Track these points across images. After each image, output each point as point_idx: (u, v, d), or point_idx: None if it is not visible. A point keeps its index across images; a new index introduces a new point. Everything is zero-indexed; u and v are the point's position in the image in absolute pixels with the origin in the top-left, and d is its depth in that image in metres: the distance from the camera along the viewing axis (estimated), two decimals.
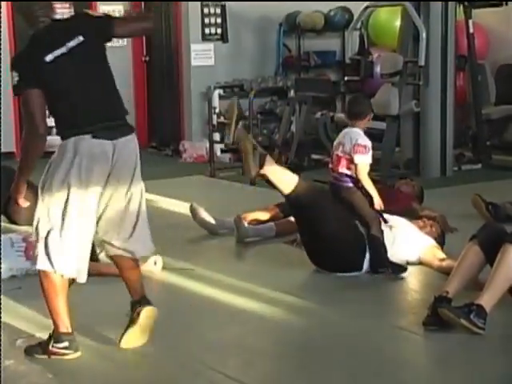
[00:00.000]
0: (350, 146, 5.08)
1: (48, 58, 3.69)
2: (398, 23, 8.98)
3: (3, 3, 9.21)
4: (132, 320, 3.88)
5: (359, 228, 5.08)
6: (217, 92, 9.96)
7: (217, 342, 4.04)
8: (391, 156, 8.30)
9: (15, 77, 3.70)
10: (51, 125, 3.76)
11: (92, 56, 3.81)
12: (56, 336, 3.78)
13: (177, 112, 10.64)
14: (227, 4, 10.34)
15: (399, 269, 5.02)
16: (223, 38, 10.40)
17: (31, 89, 3.69)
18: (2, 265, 4.67)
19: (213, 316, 4.41)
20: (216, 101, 9.89)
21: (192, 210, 6.18)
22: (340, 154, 5.14)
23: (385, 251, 5.04)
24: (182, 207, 6.69)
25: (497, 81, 9.89)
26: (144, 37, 10.85)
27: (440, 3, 8.22)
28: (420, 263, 5.18)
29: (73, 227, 3.73)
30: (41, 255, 3.74)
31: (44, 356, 3.78)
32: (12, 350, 3.85)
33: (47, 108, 3.75)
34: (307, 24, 10.57)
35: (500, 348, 3.90)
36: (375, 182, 6.45)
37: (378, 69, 8.38)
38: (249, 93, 9.46)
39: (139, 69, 10.97)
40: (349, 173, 5.11)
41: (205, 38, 10.32)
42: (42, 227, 3.73)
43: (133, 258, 3.95)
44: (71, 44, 3.72)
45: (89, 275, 3.88)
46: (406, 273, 5.01)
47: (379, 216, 5.10)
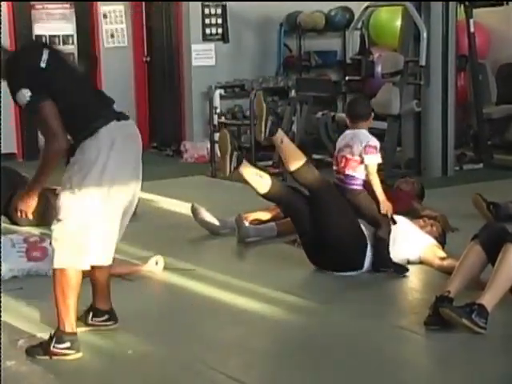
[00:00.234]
0: (361, 148, 5.09)
1: (42, 64, 3.67)
2: (399, 23, 8.98)
3: (3, 3, 9.25)
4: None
5: (360, 226, 5.08)
6: (218, 92, 9.95)
7: (218, 342, 4.04)
8: (392, 156, 8.30)
9: (26, 94, 3.62)
10: None
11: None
12: (58, 336, 3.77)
13: (178, 112, 10.63)
14: (228, 4, 10.34)
15: (401, 269, 5.02)
16: (224, 38, 10.39)
17: (46, 101, 3.64)
18: (3, 265, 4.67)
19: (214, 316, 4.41)
20: (217, 101, 9.88)
21: (193, 211, 6.18)
22: (348, 156, 5.13)
23: (388, 252, 5.05)
24: (183, 207, 6.68)
25: (498, 80, 9.90)
26: (145, 37, 10.89)
27: (441, 3, 8.22)
28: (421, 262, 5.17)
29: (111, 219, 3.77)
30: (62, 252, 3.70)
31: (45, 357, 3.77)
32: (13, 351, 3.85)
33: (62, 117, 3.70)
34: (308, 24, 10.56)
35: (501, 348, 3.90)
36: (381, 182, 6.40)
37: (379, 68, 8.38)
38: (250, 93, 9.46)
39: (140, 69, 10.96)
40: (357, 175, 5.12)
41: (205, 38, 10.31)
42: (73, 222, 3.68)
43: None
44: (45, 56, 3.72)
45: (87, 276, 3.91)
46: (408, 273, 5.01)
47: (388, 217, 5.11)
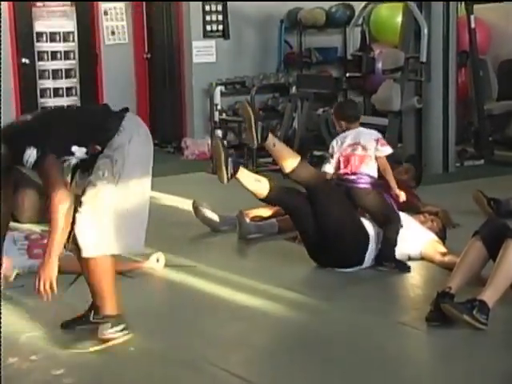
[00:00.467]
0: (374, 143, 5.22)
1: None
2: (400, 19, 8.96)
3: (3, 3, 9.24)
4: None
5: (360, 221, 5.08)
6: (218, 89, 9.95)
7: (219, 339, 4.04)
8: (393, 152, 8.28)
9: (33, 151, 3.60)
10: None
11: None
12: (110, 321, 3.82)
13: (178, 109, 10.63)
14: (228, 1, 10.33)
15: (403, 267, 5.02)
16: (224, 35, 10.38)
17: (49, 154, 3.64)
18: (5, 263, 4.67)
19: (215, 312, 4.41)
20: (218, 98, 9.89)
21: (194, 207, 6.18)
22: (362, 153, 5.19)
23: (394, 250, 5.06)
24: (184, 204, 6.69)
25: (499, 76, 9.89)
26: (146, 34, 10.88)
27: None
28: (422, 258, 5.18)
29: (145, 205, 3.85)
30: (97, 240, 3.71)
31: (101, 346, 3.81)
32: (15, 348, 3.86)
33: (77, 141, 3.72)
34: (308, 20, 10.54)
35: (503, 343, 3.90)
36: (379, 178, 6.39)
37: (380, 65, 8.38)
38: (250, 89, 9.46)
39: (141, 66, 10.96)
40: (370, 172, 5.19)
41: (206, 35, 10.30)
42: (110, 211, 3.71)
43: None
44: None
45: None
46: (409, 270, 5.01)
47: (398, 214, 5.14)
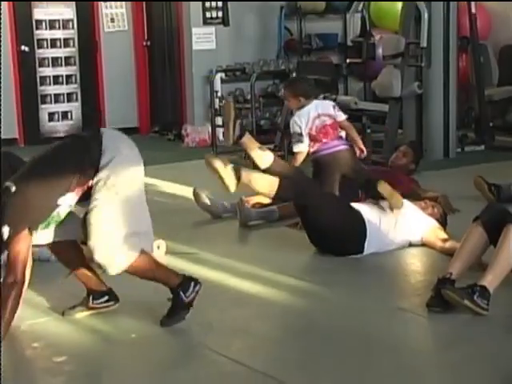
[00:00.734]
0: (333, 110, 5.80)
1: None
2: (400, 5, 8.93)
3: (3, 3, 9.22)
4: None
5: (353, 209, 5.08)
6: (219, 76, 9.93)
7: (221, 326, 4.05)
8: (394, 138, 8.28)
9: (6, 229, 3.48)
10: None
11: None
12: (181, 287, 3.97)
13: (179, 96, 10.61)
14: None
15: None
16: (224, 22, 10.34)
17: (21, 232, 3.55)
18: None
19: (216, 299, 4.42)
20: (218, 84, 9.86)
21: (195, 195, 6.18)
22: (331, 121, 5.74)
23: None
24: (185, 191, 6.69)
25: (499, 61, 9.87)
26: (145, 21, 10.85)
27: None
28: (423, 244, 5.18)
29: (145, 206, 3.92)
30: (116, 257, 3.76)
31: (186, 310, 3.96)
32: (17, 336, 3.87)
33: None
34: (308, 7, 10.52)
35: (504, 329, 3.90)
36: (379, 164, 6.45)
37: (380, 51, 8.35)
38: (251, 76, 9.44)
39: (140, 53, 10.93)
40: (343, 135, 5.79)
41: (206, 22, 10.27)
42: (117, 225, 3.74)
43: None
44: None
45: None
46: (409, 255, 5.02)
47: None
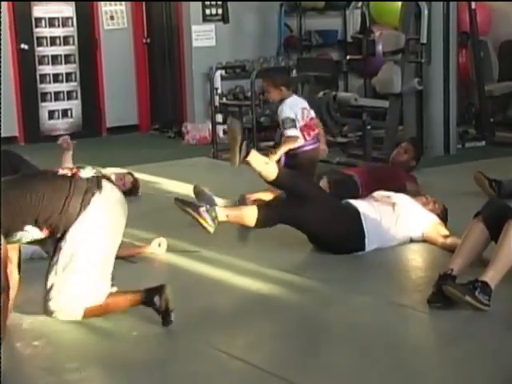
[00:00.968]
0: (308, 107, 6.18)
1: None
2: (400, 1, 8.93)
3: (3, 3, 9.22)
4: None
5: (349, 212, 5.06)
6: (219, 73, 9.93)
7: (221, 323, 4.04)
8: (394, 134, 8.28)
9: None
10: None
11: None
12: (147, 304, 3.90)
13: (179, 94, 10.62)
14: None
15: None
16: (224, 19, 10.35)
17: None
18: None
19: (218, 297, 4.42)
20: (218, 82, 9.86)
21: (195, 192, 6.17)
22: (311, 116, 6.15)
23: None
24: (186, 189, 6.68)
25: (499, 57, 9.86)
26: (145, 19, 10.84)
27: None
28: (423, 240, 5.18)
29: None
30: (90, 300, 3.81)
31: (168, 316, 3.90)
32: (19, 333, 3.87)
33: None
34: (308, 3, 10.51)
35: (505, 325, 3.90)
36: (379, 161, 6.40)
37: (380, 47, 8.35)
38: (251, 73, 9.43)
39: (140, 51, 10.94)
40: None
41: (205, 19, 10.28)
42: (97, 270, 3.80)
43: None
44: None
45: None
46: (410, 251, 5.02)
47: None
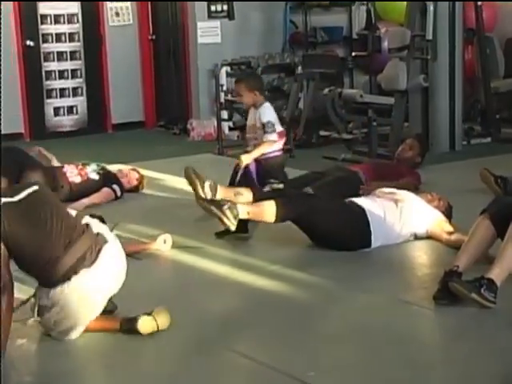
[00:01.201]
0: None
1: None
2: None
3: (5, 3, 9.22)
4: None
5: (354, 202, 5.06)
6: (224, 69, 9.92)
7: (226, 320, 4.05)
8: (400, 131, 8.27)
9: None
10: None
11: None
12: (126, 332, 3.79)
13: (184, 90, 10.61)
14: None
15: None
16: (229, 16, 10.34)
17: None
18: None
19: (222, 293, 4.42)
20: (223, 78, 9.85)
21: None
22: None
23: None
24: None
25: (505, 54, 9.84)
26: (150, 15, 10.84)
27: None
28: (428, 237, 5.17)
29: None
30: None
31: None
32: (24, 329, 3.87)
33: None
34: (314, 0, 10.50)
35: (511, 322, 3.89)
36: (385, 157, 6.40)
37: (386, 43, 8.35)
38: (256, 70, 9.42)
39: (145, 48, 10.93)
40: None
41: (211, 16, 10.26)
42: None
43: None
44: None
45: None
46: (415, 247, 5.01)
47: None
